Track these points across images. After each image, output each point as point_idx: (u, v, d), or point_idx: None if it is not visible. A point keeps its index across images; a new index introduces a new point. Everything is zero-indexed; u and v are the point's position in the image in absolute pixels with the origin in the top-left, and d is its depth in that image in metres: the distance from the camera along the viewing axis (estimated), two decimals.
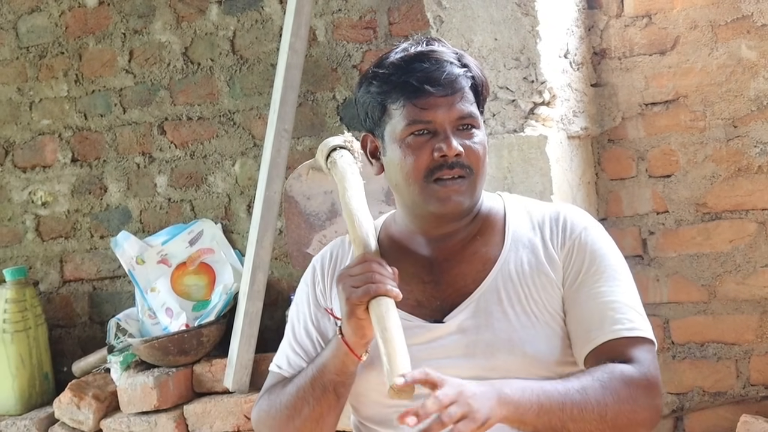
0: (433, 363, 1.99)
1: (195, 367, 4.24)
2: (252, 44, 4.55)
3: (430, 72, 2.02)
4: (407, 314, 2.06)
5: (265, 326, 4.30)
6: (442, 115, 2.01)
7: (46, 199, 4.94)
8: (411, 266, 2.11)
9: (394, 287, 1.92)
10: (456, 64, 2.04)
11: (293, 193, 3.61)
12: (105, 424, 4.19)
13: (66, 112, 4.88)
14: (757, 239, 3.64)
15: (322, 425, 2.04)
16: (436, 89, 2.01)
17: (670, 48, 3.71)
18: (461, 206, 2.06)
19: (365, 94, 2.10)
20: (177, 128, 4.70)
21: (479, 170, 2.05)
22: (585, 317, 2.04)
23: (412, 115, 2.02)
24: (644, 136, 3.76)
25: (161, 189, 4.74)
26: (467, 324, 2.04)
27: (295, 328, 2.18)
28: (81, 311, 4.91)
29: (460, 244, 2.11)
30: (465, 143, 2.03)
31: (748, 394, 3.67)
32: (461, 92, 2.03)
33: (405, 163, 2.03)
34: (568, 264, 2.08)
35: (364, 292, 1.90)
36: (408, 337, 1.99)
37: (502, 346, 2.01)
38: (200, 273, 4.54)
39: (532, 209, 2.19)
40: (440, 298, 2.08)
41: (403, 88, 2.02)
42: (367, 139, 2.15)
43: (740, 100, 3.63)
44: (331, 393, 2.00)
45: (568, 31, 3.63)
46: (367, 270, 1.94)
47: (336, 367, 1.98)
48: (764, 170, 3.62)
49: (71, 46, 4.84)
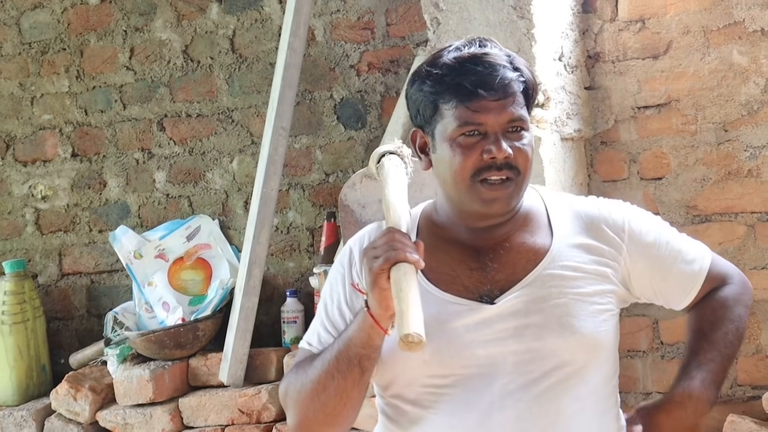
0: (482, 346, 2.05)
1: (191, 361, 4.28)
2: (251, 43, 4.60)
3: (484, 76, 2.04)
4: (455, 297, 2.09)
5: (261, 321, 4.35)
6: (494, 119, 2.04)
7: (46, 193, 4.98)
8: (456, 253, 2.14)
9: (414, 254, 1.94)
10: (508, 68, 2.07)
11: (348, 201, 3.61)
12: (101, 415, 4.23)
13: (67, 107, 4.92)
14: (746, 242, 3.69)
15: (347, 400, 2.04)
16: (489, 93, 2.03)
17: (663, 52, 3.75)
18: (505, 208, 2.10)
19: (417, 92, 2.12)
20: (176, 125, 4.75)
21: (526, 171, 2.09)
22: (675, 279, 2.21)
23: (464, 116, 2.05)
24: (636, 138, 3.81)
25: (160, 184, 4.78)
26: (518, 307, 2.07)
27: (327, 306, 2.19)
28: (79, 304, 4.94)
29: (506, 235, 2.15)
30: (514, 145, 2.06)
31: (735, 395, 3.71)
32: (513, 96, 2.06)
33: (454, 162, 2.06)
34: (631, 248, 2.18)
35: (384, 260, 1.92)
36: (457, 318, 2.06)
37: (553, 329, 2.05)
38: (197, 268, 4.58)
39: (569, 202, 2.25)
40: (489, 283, 2.10)
41: (457, 90, 2.05)
42: (416, 135, 2.17)
43: (731, 105, 3.68)
44: (356, 367, 2.00)
45: (563, 35, 3.67)
46: (389, 240, 1.96)
47: (362, 340, 1.99)
48: (754, 174, 3.67)
49: (73, 42, 4.89)
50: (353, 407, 2.08)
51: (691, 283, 2.22)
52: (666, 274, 2.20)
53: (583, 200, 2.27)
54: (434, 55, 2.15)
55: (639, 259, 2.17)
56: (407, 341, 1.84)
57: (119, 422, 4.18)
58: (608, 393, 2.16)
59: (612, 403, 2.17)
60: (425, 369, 2.07)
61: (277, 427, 4.00)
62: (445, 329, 2.06)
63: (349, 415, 2.09)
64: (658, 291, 2.21)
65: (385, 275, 1.93)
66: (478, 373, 2.05)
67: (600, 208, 2.22)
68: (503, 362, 2.05)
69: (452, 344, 2.06)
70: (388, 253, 1.94)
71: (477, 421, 2.03)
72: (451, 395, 2.06)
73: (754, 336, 3.70)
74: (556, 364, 2.04)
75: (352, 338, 2.01)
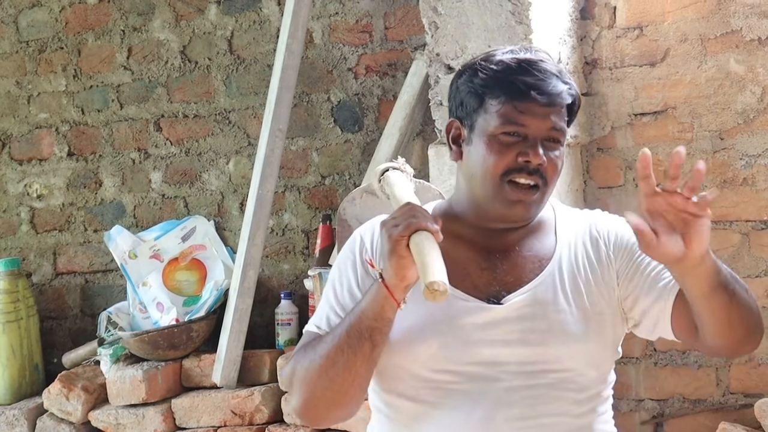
0: (489, 345, 2.07)
1: (184, 362, 4.28)
2: (249, 44, 4.60)
3: (538, 80, 2.08)
4: (464, 294, 2.11)
5: (255, 323, 4.35)
6: (537, 124, 2.08)
7: (41, 191, 4.98)
8: (467, 251, 2.16)
9: (434, 224, 1.95)
10: (560, 79, 2.11)
11: (347, 216, 3.62)
12: (93, 415, 4.22)
13: (63, 106, 4.92)
14: (740, 250, 3.70)
15: (354, 376, 2.03)
16: (540, 98, 2.07)
17: (660, 60, 3.76)
18: (527, 214, 2.13)
19: (467, 83, 2.15)
20: (173, 125, 4.75)
21: (552, 183, 2.12)
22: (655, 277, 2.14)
23: (509, 115, 2.08)
24: (633, 145, 3.81)
25: (156, 185, 4.78)
26: (524, 311, 2.09)
27: (337, 290, 2.19)
28: (73, 303, 4.94)
29: (517, 239, 2.18)
30: (548, 155, 2.09)
31: (727, 402, 3.72)
32: (560, 107, 2.10)
33: (488, 158, 2.09)
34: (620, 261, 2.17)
35: (405, 227, 1.93)
36: (466, 316, 2.08)
37: (557, 335, 2.08)
38: (192, 269, 4.58)
39: (576, 214, 2.28)
40: (498, 284, 2.13)
41: (509, 88, 2.08)
42: (453, 125, 2.20)
43: (727, 113, 3.68)
44: (367, 341, 2.00)
45: (561, 41, 3.68)
46: (409, 210, 1.99)
47: (374, 312, 1.99)
48: (749, 182, 3.67)
49: (71, 41, 4.89)
50: (360, 386, 2.07)
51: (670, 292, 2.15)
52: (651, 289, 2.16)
53: (590, 212, 2.30)
54: (488, 53, 2.17)
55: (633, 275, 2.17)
56: (432, 289, 1.85)
57: (111, 422, 4.18)
58: (606, 397, 2.19)
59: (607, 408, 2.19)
60: (431, 363, 2.08)
61: (270, 429, 4.00)
62: (453, 325, 2.09)
63: (356, 395, 2.08)
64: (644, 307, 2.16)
65: (404, 242, 1.94)
66: (483, 371, 2.07)
67: (599, 219, 2.26)
68: (507, 363, 2.07)
69: (459, 340, 2.08)
70: (409, 220, 1.96)
71: (481, 418, 2.05)
72: (455, 391, 2.08)
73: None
74: (558, 368, 2.08)
75: (364, 310, 2.02)
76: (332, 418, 2.20)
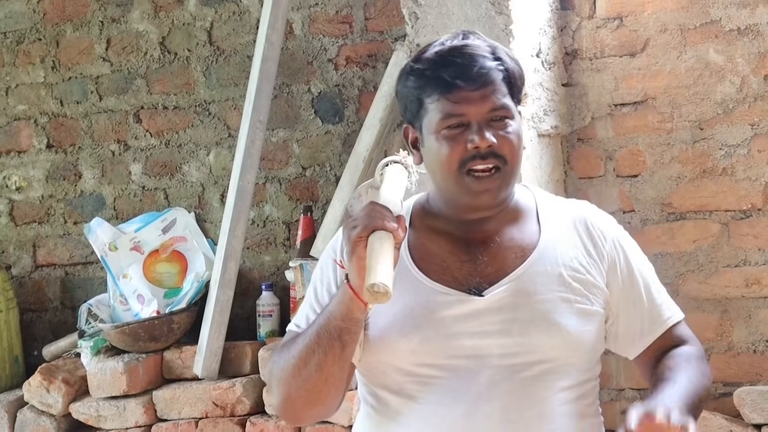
0: (469, 337, 2.07)
1: (165, 354, 4.27)
2: (229, 36, 4.59)
3: (463, 67, 2.06)
4: (445, 287, 2.10)
5: (236, 315, 4.34)
6: (475, 109, 2.06)
7: (20, 184, 4.95)
8: (447, 245, 2.15)
9: (392, 223, 1.96)
10: (489, 58, 2.08)
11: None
12: (74, 407, 4.21)
13: (42, 98, 4.90)
14: (719, 240, 3.72)
15: (327, 376, 2.04)
16: (467, 84, 2.05)
17: (640, 50, 3.77)
18: (494, 200, 2.11)
19: (404, 88, 2.15)
20: (152, 117, 4.73)
21: (513, 160, 2.10)
22: (636, 316, 2.18)
23: (446, 109, 2.06)
24: (613, 136, 3.83)
25: (136, 177, 4.76)
26: (505, 301, 2.08)
27: (317, 290, 2.20)
28: (53, 296, 4.92)
29: (496, 229, 2.16)
30: (498, 134, 2.07)
31: None
32: (493, 85, 2.07)
33: (441, 155, 2.08)
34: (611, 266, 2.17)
35: (362, 228, 1.95)
36: (446, 308, 2.07)
37: (539, 325, 2.07)
38: (172, 261, 4.57)
39: (560, 203, 2.26)
40: (479, 276, 2.11)
41: (437, 83, 2.07)
42: (408, 131, 2.19)
43: (707, 103, 3.70)
44: (337, 341, 2.01)
45: (541, 31, 3.69)
46: (369, 211, 1.99)
47: (342, 313, 2.00)
48: (728, 172, 3.69)
49: (49, 32, 4.86)
50: (335, 385, 2.08)
51: (653, 325, 2.20)
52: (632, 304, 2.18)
53: (576, 202, 2.29)
54: (419, 51, 2.17)
55: (614, 278, 2.17)
56: (372, 291, 1.87)
57: (92, 414, 4.18)
58: (590, 389, 2.18)
59: (593, 399, 2.19)
60: (412, 357, 2.08)
61: (252, 420, 4.00)
62: (433, 319, 2.08)
63: (331, 394, 2.10)
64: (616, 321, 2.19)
65: (362, 243, 1.95)
66: (465, 364, 2.06)
67: (592, 213, 2.24)
68: (489, 354, 2.06)
69: (440, 334, 2.07)
70: (367, 221, 1.96)
71: (464, 412, 2.05)
72: (437, 385, 2.08)
73: (726, 334, 3.72)
74: (541, 359, 2.06)
75: (332, 312, 2.02)
76: (310, 416, 2.22)
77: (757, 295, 3.68)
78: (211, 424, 4.05)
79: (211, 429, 4.05)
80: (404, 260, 2.13)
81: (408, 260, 2.15)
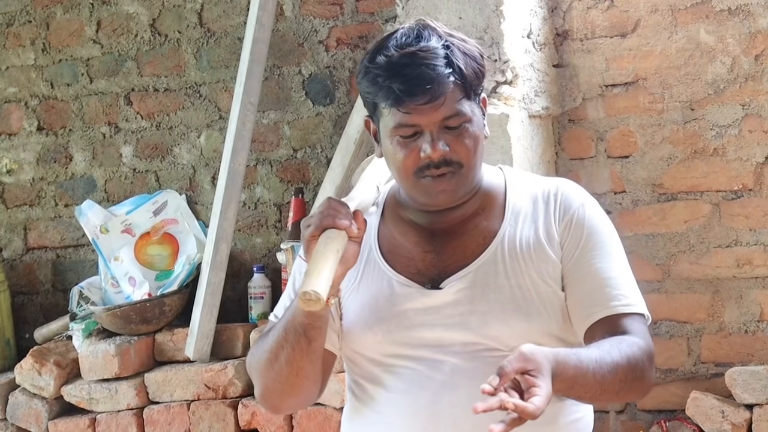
0: (431, 329, 2.07)
1: (157, 336, 4.27)
2: (219, 17, 4.57)
3: (411, 79, 1.99)
4: (407, 280, 2.10)
5: (227, 297, 4.34)
6: (426, 119, 2.01)
7: (11, 166, 4.94)
8: (414, 236, 2.14)
9: (345, 220, 1.96)
10: (440, 64, 2.01)
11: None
12: (66, 390, 4.21)
13: (32, 80, 4.88)
14: (710, 220, 3.72)
15: (298, 369, 2.06)
16: (414, 99, 1.99)
17: (630, 31, 3.77)
18: (452, 198, 2.09)
19: (360, 85, 2.10)
20: (143, 99, 4.72)
21: (470, 163, 2.05)
22: (583, 294, 2.08)
23: (397, 119, 2.03)
24: (604, 117, 3.82)
25: (126, 159, 4.75)
26: (463, 294, 2.07)
27: (296, 280, 2.20)
28: (44, 279, 4.92)
29: (461, 218, 2.13)
30: (453, 140, 2.02)
31: (698, 372, 3.75)
32: (444, 95, 2.00)
33: (396, 159, 2.06)
34: (566, 239, 2.10)
35: (315, 226, 1.95)
36: (407, 301, 2.08)
37: (496, 316, 2.05)
38: (164, 243, 4.57)
39: (532, 183, 2.20)
40: (440, 268, 2.10)
41: (388, 94, 2.02)
42: (368, 123, 2.15)
43: (698, 84, 3.70)
44: (302, 336, 2.02)
45: (532, 12, 3.68)
46: (324, 208, 1.99)
47: (303, 310, 1.99)
48: (719, 153, 3.69)
49: (39, 14, 4.84)
50: (307, 377, 2.10)
51: (597, 306, 2.06)
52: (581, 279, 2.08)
53: (544, 180, 2.22)
54: (375, 46, 2.09)
55: (568, 251, 2.10)
56: (303, 298, 1.88)
57: (84, 397, 4.18)
58: None
59: None
60: (378, 348, 2.10)
61: (243, 402, 4.01)
62: (395, 311, 2.09)
63: (305, 385, 2.12)
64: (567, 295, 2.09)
65: (315, 242, 1.97)
66: (428, 354, 2.07)
67: (563, 188, 2.17)
68: (452, 345, 2.06)
69: (402, 325, 2.08)
70: (317, 219, 1.98)
71: (429, 401, 2.05)
72: (403, 375, 2.08)
73: (717, 314, 3.73)
74: (503, 349, 2.03)
75: (296, 308, 2.03)
76: (288, 406, 2.27)
77: (749, 276, 3.69)
78: (203, 407, 4.06)
79: (203, 411, 4.05)
80: (372, 251, 2.15)
81: (376, 251, 2.15)
